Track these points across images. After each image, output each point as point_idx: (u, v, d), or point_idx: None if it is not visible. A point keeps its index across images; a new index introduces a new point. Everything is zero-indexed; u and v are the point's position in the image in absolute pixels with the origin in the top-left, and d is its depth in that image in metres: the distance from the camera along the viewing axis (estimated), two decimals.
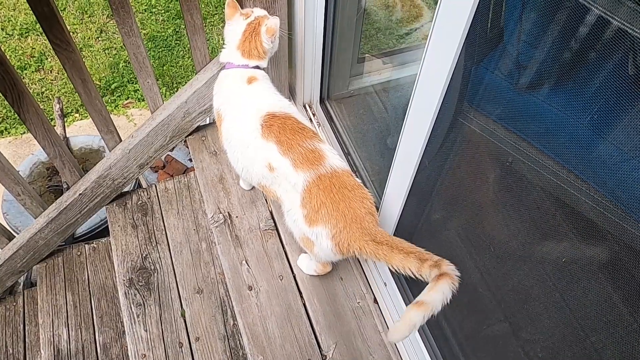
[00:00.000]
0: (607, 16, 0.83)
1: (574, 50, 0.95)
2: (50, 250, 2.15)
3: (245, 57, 1.62)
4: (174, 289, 1.98)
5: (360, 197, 1.43)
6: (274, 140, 1.46)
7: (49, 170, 2.67)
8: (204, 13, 3.89)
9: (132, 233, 2.12)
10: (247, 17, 1.62)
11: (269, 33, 1.59)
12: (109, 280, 2.16)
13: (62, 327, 2.03)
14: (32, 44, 3.68)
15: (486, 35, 1.07)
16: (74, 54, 1.62)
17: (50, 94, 3.46)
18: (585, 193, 0.99)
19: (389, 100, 2.15)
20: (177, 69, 3.63)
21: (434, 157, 1.32)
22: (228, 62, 1.65)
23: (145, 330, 1.88)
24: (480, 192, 1.32)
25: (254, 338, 1.71)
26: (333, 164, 1.45)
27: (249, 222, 1.98)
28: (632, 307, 0.95)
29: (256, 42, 1.60)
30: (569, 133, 1.02)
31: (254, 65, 1.63)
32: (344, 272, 1.85)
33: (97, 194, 2.06)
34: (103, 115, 1.88)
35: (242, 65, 1.63)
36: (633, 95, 0.86)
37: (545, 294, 1.17)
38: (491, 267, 1.36)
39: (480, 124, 1.20)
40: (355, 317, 1.76)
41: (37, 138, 1.77)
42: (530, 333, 1.27)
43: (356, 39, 2.06)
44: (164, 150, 2.11)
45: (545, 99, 1.07)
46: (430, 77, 1.11)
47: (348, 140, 2.12)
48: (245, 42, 1.61)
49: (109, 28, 3.81)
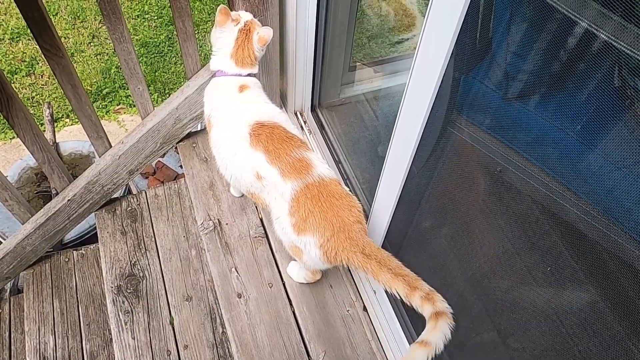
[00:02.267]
0: (594, 29, 0.85)
1: (561, 61, 0.96)
2: (38, 256, 2.13)
3: (239, 65, 1.62)
4: (163, 297, 1.96)
5: (349, 206, 1.43)
6: (262, 149, 1.46)
7: (37, 176, 2.65)
8: (195, 20, 3.89)
9: (121, 239, 2.10)
10: (237, 23, 1.61)
11: (261, 42, 1.59)
12: (96, 287, 2.13)
13: (49, 335, 2.01)
14: (23, 48, 3.66)
15: (474, 45, 1.08)
16: (64, 59, 1.62)
17: (41, 99, 3.43)
18: (572, 203, 1.00)
19: (380, 109, 2.16)
20: (169, 75, 3.62)
21: (423, 166, 1.33)
22: (220, 70, 1.65)
23: (133, 338, 1.86)
24: (469, 201, 1.33)
25: (242, 346, 1.70)
26: (321, 172, 1.45)
27: (239, 230, 1.97)
28: (618, 315, 0.95)
29: (249, 50, 1.61)
30: (557, 143, 1.03)
31: (247, 73, 1.63)
32: (333, 279, 1.85)
33: (86, 200, 2.04)
34: (93, 121, 1.87)
35: (235, 74, 1.63)
36: (619, 106, 0.87)
37: (533, 303, 1.18)
38: (480, 275, 1.36)
39: (469, 133, 1.21)
40: (345, 325, 1.75)
41: (26, 143, 1.76)
42: (518, 341, 1.28)
43: (348, 47, 2.07)
44: (154, 157, 2.10)
45: (533, 109, 1.08)
46: (419, 87, 1.12)
47: (339, 148, 2.12)
48: (238, 50, 1.61)
49: (101, 33, 3.80)
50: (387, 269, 1.31)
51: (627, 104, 0.86)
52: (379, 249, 1.38)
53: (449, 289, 1.49)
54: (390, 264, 1.33)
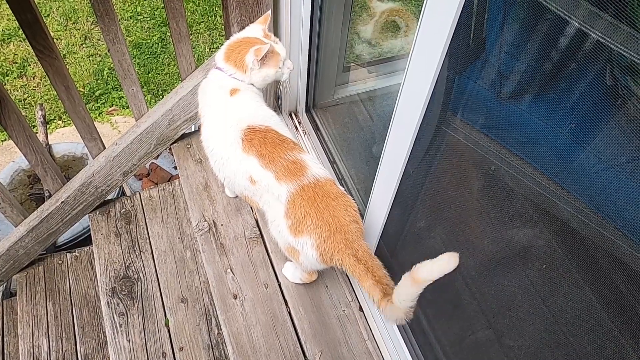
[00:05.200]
0: (585, 28, 0.85)
1: (554, 61, 0.97)
2: (31, 259, 2.11)
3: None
4: (158, 298, 1.95)
5: (344, 206, 1.44)
6: (255, 154, 1.46)
7: (30, 178, 2.63)
8: (189, 21, 3.88)
9: (115, 241, 2.09)
10: (268, 37, 1.58)
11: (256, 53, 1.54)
12: (91, 289, 2.12)
13: (43, 338, 1.99)
14: (15, 49, 3.63)
15: (468, 45, 1.08)
16: (57, 60, 1.61)
17: (33, 101, 3.41)
18: (565, 201, 1.01)
19: (374, 109, 2.17)
20: (163, 76, 3.61)
21: (418, 165, 1.34)
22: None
23: (128, 341, 1.85)
24: (463, 200, 1.34)
25: (238, 347, 1.70)
26: (315, 173, 1.45)
27: (234, 230, 1.97)
28: (612, 313, 0.96)
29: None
30: (550, 142, 1.04)
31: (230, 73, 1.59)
32: (329, 280, 1.85)
33: (80, 202, 2.03)
34: (86, 122, 1.86)
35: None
36: (611, 105, 0.88)
37: (528, 301, 1.18)
38: (475, 274, 1.37)
39: (463, 132, 1.21)
40: (341, 325, 1.75)
41: (19, 145, 1.74)
42: (513, 339, 1.29)
43: (342, 48, 2.07)
44: (148, 158, 2.09)
45: (526, 108, 1.09)
46: (413, 87, 1.13)
47: (334, 148, 2.13)
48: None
49: (94, 35, 3.79)
50: (372, 276, 1.36)
51: (619, 102, 0.87)
52: (370, 255, 1.40)
53: (444, 288, 1.50)
54: (377, 272, 1.37)
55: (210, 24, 3.89)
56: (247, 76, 1.56)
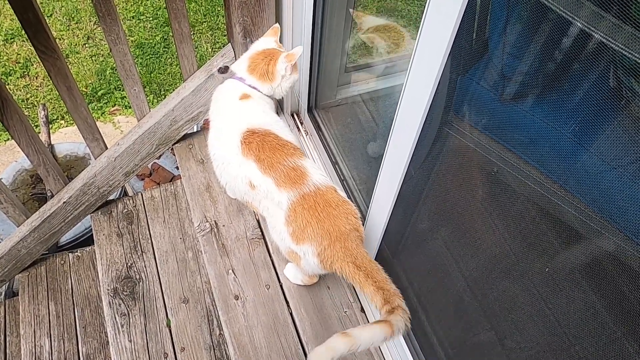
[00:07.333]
0: (589, 29, 0.85)
1: (557, 62, 0.97)
2: (33, 259, 2.11)
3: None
4: (160, 299, 1.95)
5: (345, 214, 1.43)
6: (253, 158, 1.46)
7: (32, 178, 2.64)
8: (192, 21, 3.89)
9: (117, 242, 2.09)
10: (280, 47, 1.64)
11: (289, 58, 1.61)
12: (93, 289, 2.12)
13: (45, 338, 2.00)
14: (18, 49, 3.64)
15: (471, 46, 1.08)
16: (60, 60, 1.61)
17: (36, 101, 3.42)
18: (568, 203, 1.00)
19: (377, 110, 2.16)
20: (165, 76, 3.61)
21: (420, 167, 1.33)
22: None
23: (130, 341, 1.85)
24: (466, 202, 1.33)
25: (240, 348, 1.70)
26: (316, 181, 1.44)
27: (235, 231, 1.97)
28: (615, 315, 0.96)
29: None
30: (552, 144, 1.03)
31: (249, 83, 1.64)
32: (331, 281, 1.84)
33: (82, 202, 2.03)
34: (88, 123, 1.86)
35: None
36: (614, 107, 0.87)
37: (530, 303, 1.18)
38: (477, 276, 1.37)
39: (466, 133, 1.21)
40: (343, 326, 1.75)
41: (21, 145, 1.75)
42: (515, 342, 1.28)
43: (344, 49, 2.07)
44: (150, 159, 2.09)
45: (529, 109, 1.08)
46: (416, 87, 1.12)
47: (336, 149, 2.12)
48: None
49: (96, 35, 3.79)
50: (373, 282, 1.33)
51: (623, 104, 0.86)
52: (370, 261, 1.39)
53: (446, 290, 1.50)
54: (377, 276, 1.35)
55: (213, 23, 3.90)
56: (276, 84, 1.61)
